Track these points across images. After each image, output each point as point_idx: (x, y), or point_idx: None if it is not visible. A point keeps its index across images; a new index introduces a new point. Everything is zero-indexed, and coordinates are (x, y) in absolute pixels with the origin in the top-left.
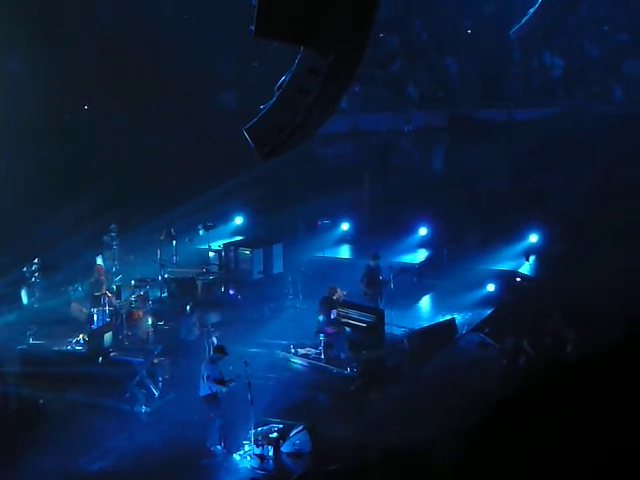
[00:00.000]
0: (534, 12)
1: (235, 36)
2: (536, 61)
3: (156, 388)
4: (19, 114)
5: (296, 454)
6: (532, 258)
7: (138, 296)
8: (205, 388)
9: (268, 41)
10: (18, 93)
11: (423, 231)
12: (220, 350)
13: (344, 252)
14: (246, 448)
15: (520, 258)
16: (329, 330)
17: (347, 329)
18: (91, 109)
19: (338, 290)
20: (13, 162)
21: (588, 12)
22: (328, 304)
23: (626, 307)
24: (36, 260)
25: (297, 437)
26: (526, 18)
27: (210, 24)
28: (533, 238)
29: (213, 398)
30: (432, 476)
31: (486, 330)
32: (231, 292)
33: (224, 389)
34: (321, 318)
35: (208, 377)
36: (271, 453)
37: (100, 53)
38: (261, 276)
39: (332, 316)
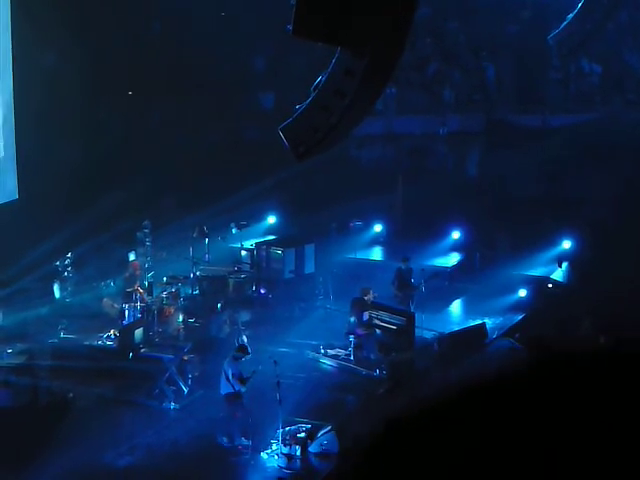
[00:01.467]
0: (573, 17)
1: (272, 35)
2: (574, 67)
3: (185, 385)
4: (54, 109)
5: (323, 454)
6: (565, 264)
7: (170, 293)
8: (228, 386)
9: (306, 41)
10: (53, 88)
11: (456, 235)
12: (243, 349)
13: (376, 254)
14: (274, 447)
15: (552, 264)
16: (360, 332)
17: (377, 331)
18: (126, 106)
19: (370, 291)
20: (48, 158)
21: (627, 19)
22: (360, 305)
23: None
24: (69, 254)
25: (325, 437)
26: (565, 23)
27: (246, 22)
28: (566, 244)
29: (236, 397)
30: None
31: (516, 335)
32: (262, 291)
33: (244, 388)
34: (352, 319)
35: (234, 375)
36: (298, 453)
37: (135, 50)
38: (292, 276)
39: (364, 318)
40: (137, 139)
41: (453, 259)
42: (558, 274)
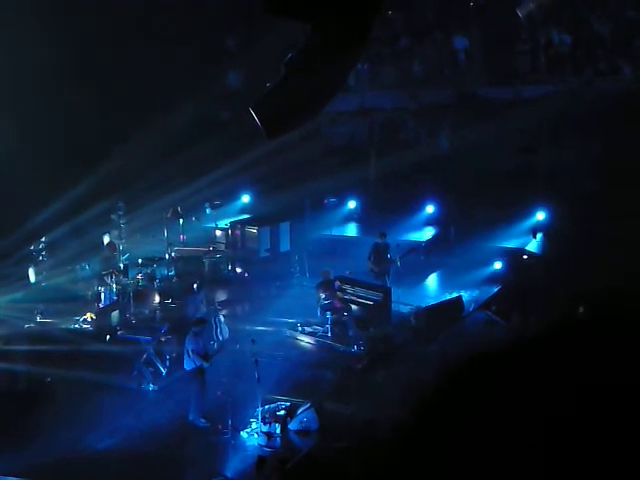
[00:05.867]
0: None
1: (241, 13)
2: (543, 38)
3: (163, 366)
4: (26, 93)
5: (303, 432)
6: (539, 235)
7: (145, 274)
8: (190, 362)
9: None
10: (27, 73)
11: (430, 209)
12: (200, 322)
13: (351, 230)
14: (253, 426)
15: (527, 236)
16: (337, 304)
17: (353, 307)
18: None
19: (330, 272)
20: (19, 142)
21: None
22: (325, 286)
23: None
24: (43, 239)
25: (304, 415)
26: None
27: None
28: (540, 216)
29: (198, 372)
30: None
31: (493, 308)
32: (238, 270)
33: (207, 364)
34: (323, 296)
35: (193, 351)
36: (278, 431)
37: (104, 19)
38: (268, 254)
39: (336, 286)
40: (107, 122)
41: (428, 233)
42: (533, 245)
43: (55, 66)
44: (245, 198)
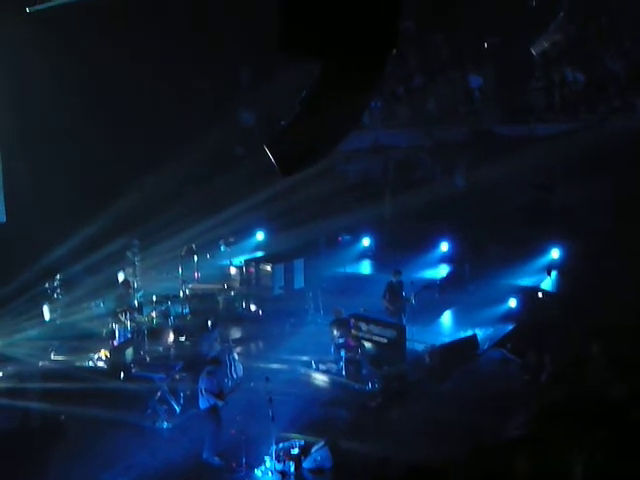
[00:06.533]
0: (554, 27)
1: (256, 50)
2: (557, 76)
3: (177, 404)
4: (41, 133)
5: (317, 470)
6: (554, 273)
7: (160, 312)
8: (204, 401)
9: (289, 56)
10: (40, 113)
11: (444, 246)
12: (214, 361)
13: (365, 268)
14: (267, 464)
15: (542, 273)
16: (351, 342)
17: (367, 344)
18: (111, 127)
19: (342, 310)
20: (35, 181)
21: (608, 26)
22: (339, 323)
23: None
24: (58, 276)
25: (318, 453)
26: (546, 33)
27: (231, 38)
28: (555, 253)
29: (213, 410)
30: None
31: (508, 346)
32: (252, 308)
33: (220, 403)
34: (338, 334)
35: (207, 390)
36: (292, 469)
37: (118, 59)
38: (282, 292)
39: (350, 324)
40: (122, 160)
41: (442, 271)
42: (547, 283)
43: (72, 107)
44: (259, 235)
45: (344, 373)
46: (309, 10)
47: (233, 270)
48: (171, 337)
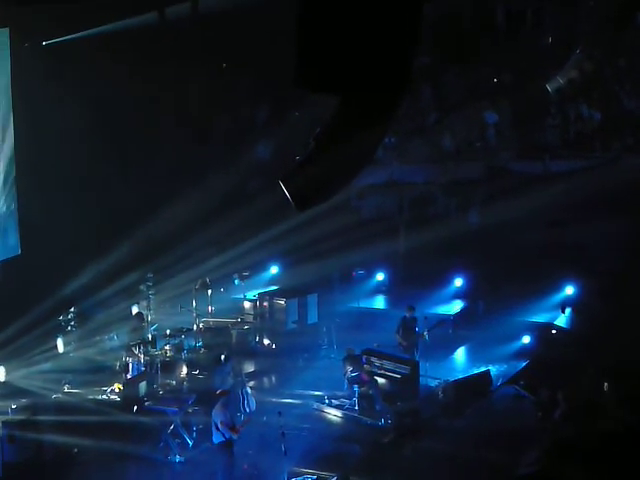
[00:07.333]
0: (570, 64)
1: (271, 86)
2: (573, 113)
3: (190, 437)
4: (55, 165)
5: None
6: (568, 310)
7: (173, 345)
8: (218, 435)
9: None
10: (55, 144)
11: (458, 282)
12: (224, 392)
13: (379, 303)
14: None
15: (556, 310)
16: (364, 376)
17: (380, 379)
18: (127, 161)
19: (353, 349)
20: (50, 213)
21: (625, 64)
22: (352, 359)
23: None
24: (72, 309)
25: None
26: (562, 70)
27: (246, 72)
28: (569, 290)
29: (226, 444)
30: None
31: (521, 382)
32: (266, 342)
33: (235, 436)
34: (350, 369)
35: (222, 423)
36: None
37: (137, 105)
38: (295, 326)
39: (363, 361)
40: (138, 193)
41: (456, 307)
42: (562, 320)
43: (88, 140)
44: (273, 269)
45: (357, 408)
46: (325, 48)
47: (247, 304)
48: (184, 371)
